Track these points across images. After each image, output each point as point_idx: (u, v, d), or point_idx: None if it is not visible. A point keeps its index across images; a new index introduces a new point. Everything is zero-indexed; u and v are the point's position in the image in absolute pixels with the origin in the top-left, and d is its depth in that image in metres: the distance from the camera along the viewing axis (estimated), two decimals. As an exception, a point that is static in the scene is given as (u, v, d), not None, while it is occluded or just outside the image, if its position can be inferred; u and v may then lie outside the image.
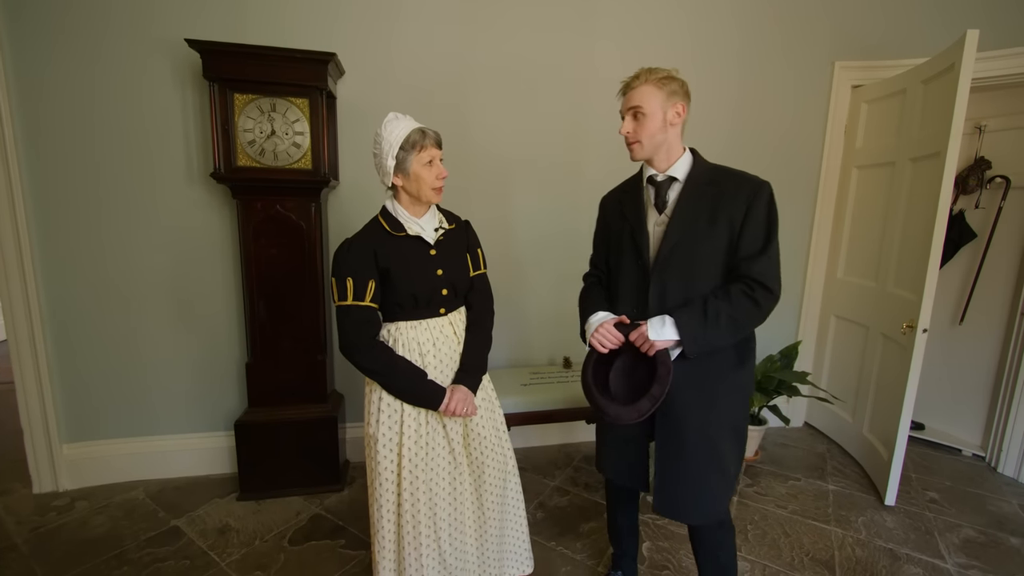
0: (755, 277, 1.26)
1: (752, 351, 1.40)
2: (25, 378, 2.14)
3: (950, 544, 2.01)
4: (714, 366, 1.33)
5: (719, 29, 2.55)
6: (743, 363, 1.37)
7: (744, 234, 1.28)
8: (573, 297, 2.69)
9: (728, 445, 1.36)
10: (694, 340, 1.26)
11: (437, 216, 1.49)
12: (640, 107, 1.30)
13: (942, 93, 2.08)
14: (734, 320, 1.26)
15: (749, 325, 1.30)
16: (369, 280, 1.37)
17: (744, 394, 1.40)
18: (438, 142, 1.39)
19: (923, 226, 2.15)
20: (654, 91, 1.29)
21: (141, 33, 2.05)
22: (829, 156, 2.77)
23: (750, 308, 1.26)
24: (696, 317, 1.26)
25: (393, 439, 1.40)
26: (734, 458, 1.39)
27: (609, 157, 2.56)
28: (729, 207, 1.28)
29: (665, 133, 1.32)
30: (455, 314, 1.51)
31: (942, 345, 2.82)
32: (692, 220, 1.30)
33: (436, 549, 1.41)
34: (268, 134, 2.02)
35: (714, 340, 1.27)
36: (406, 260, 1.40)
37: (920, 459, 2.68)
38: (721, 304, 1.26)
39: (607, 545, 1.96)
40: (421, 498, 1.38)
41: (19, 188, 2.02)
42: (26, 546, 1.89)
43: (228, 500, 2.19)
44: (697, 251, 1.30)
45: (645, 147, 1.34)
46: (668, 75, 1.30)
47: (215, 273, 2.28)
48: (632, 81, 1.33)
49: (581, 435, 2.82)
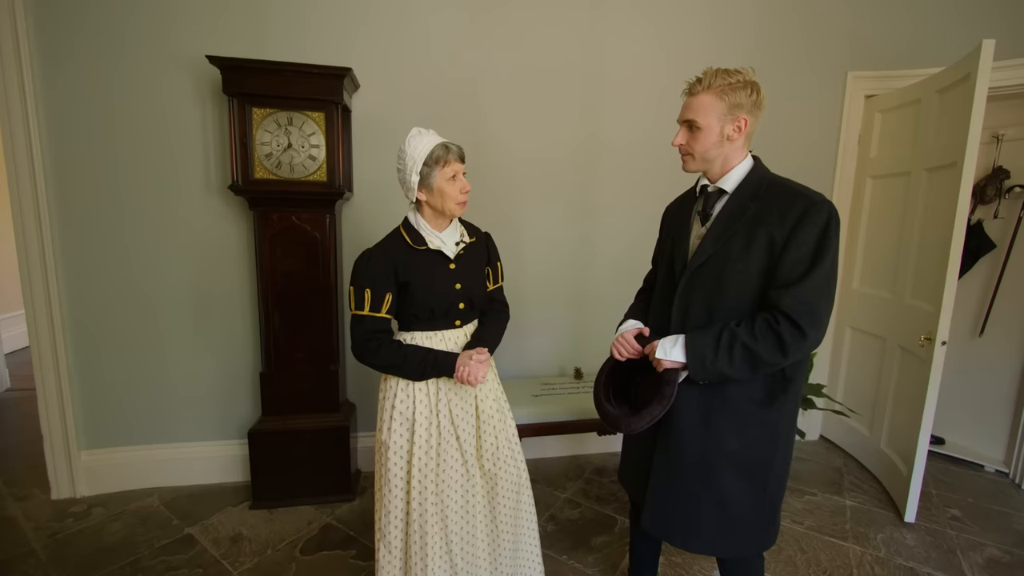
0: (783, 310, 1.11)
1: (790, 392, 1.23)
2: (46, 385, 2.19)
3: (973, 563, 1.96)
4: (731, 398, 1.22)
5: (732, 39, 2.56)
6: (771, 402, 1.22)
7: (784, 258, 1.13)
8: (585, 308, 2.72)
9: (733, 482, 1.24)
10: (702, 366, 1.16)
11: (459, 229, 1.50)
12: (695, 120, 1.18)
13: (958, 103, 2.06)
14: (749, 353, 1.12)
15: (769, 363, 1.13)
16: (387, 293, 1.39)
17: (771, 434, 1.23)
18: (461, 156, 1.40)
19: (940, 236, 2.12)
20: (714, 102, 1.16)
21: (162, 49, 2.11)
22: (843, 166, 2.75)
23: (771, 344, 1.11)
24: (708, 342, 1.15)
25: (404, 446, 1.41)
26: (747, 501, 1.25)
27: (625, 168, 2.58)
28: (772, 225, 1.14)
29: (721, 148, 1.19)
30: (470, 326, 1.53)
31: (962, 357, 2.76)
32: (727, 236, 1.19)
33: (448, 560, 1.40)
34: (285, 147, 2.06)
35: (724, 370, 1.15)
36: (425, 274, 1.41)
37: (940, 475, 2.61)
38: (739, 333, 1.13)
39: (619, 559, 1.94)
40: (430, 508, 1.38)
41: (44, 199, 2.08)
42: (44, 552, 1.92)
43: (241, 508, 2.21)
44: (726, 270, 1.18)
45: (697, 161, 1.23)
46: (735, 82, 1.14)
47: (232, 283, 2.31)
48: (694, 85, 1.19)
49: (592, 447, 2.79)
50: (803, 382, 1.29)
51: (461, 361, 1.38)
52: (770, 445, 1.24)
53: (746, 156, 1.24)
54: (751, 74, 1.17)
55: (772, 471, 1.25)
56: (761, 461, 1.24)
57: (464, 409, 1.46)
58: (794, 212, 1.13)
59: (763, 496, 1.26)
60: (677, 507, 1.29)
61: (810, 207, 1.12)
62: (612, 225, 2.62)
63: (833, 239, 1.11)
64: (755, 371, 1.15)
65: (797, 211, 1.12)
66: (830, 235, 1.11)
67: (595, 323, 2.66)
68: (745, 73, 1.16)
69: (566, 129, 2.51)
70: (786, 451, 1.28)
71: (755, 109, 1.18)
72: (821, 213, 1.11)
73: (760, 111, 1.19)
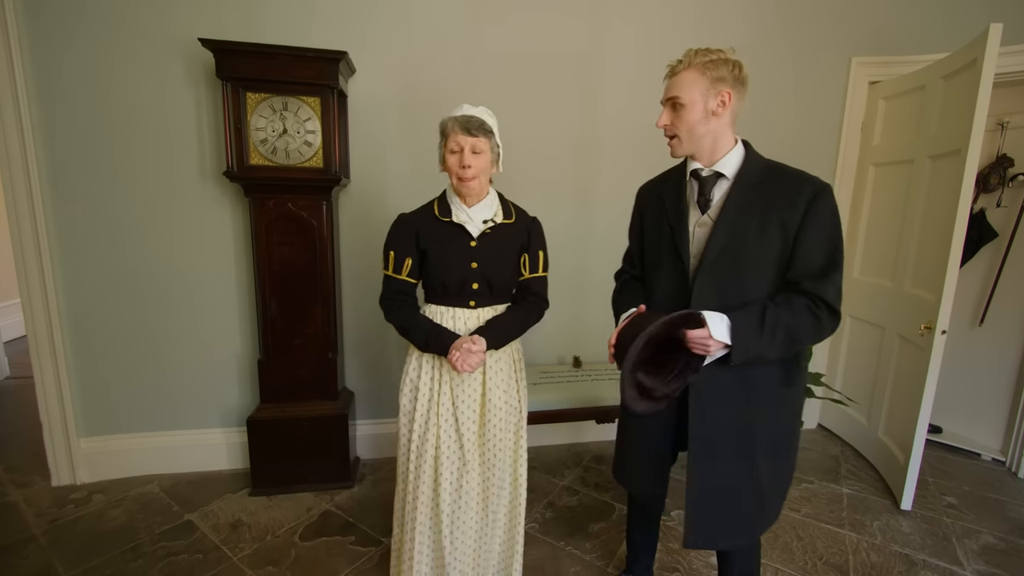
0: (823, 297, 1.15)
1: (803, 371, 1.30)
2: (44, 373, 2.19)
3: (969, 551, 1.97)
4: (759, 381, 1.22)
5: (732, 23, 2.52)
6: (791, 383, 1.26)
7: (802, 244, 1.15)
8: (584, 296, 2.71)
9: (767, 466, 1.25)
10: (745, 348, 1.14)
11: (494, 208, 1.46)
12: (678, 97, 1.17)
13: (963, 89, 2.03)
14: (791, 334, 1.14)
15: (804, 342, 1.18)
16: (407, 257, 1.44)
17: (793, 411, 1.30)
18: (466, 128, 1.34)
19: (942, 225, 2.10)
20: (696, 78, 1.15)
21: (155, 32, 2.07)
22: (845, 153, 2.72)
23: (812, 325, 1.15)
24: (752, 324, 1.13)
25: (409, 410, 1.49)
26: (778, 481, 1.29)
27: (623, 154, 2.55)
28: (783, 210, 1.15)
29: (707, 124, 1.18)
30: (487, 310, 1.48)
31: (961, 347, 2.76)
32: (741, 223, 1.18)
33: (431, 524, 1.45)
34: (280, 133, 2.03)
35: (765, 351, 1.14)
36: (442, 246, 1.43)
37: (937, 463, 2.63)
38: (782, 313, 1.14)
39: (617, 546, 1.95)
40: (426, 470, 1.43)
41: (37, 186, 2.06)
42: (45, 538, 1.93)
43: (240, 495, 2.22)
44: (745, 256, 1.18)
45: (684, 142, 1.21)
46: (716, 58, 1.14)
47: (228, 270, 2.30)
48: (675, 66, 1.19)
49: (590, 435, 2.80)
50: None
51: (455, 344, 1.37)
52: (793, 422, 1.30)
53: (737, 141, 1.24)
54: (732, 53, 1.17)
55: (792, 446, 1.32)
56: (787, 438, 1.29)
57: (468, 393, 1.46)
58: (803, 197, 1.15)
59: (789, 473, 1.32)
60: (724, 511, 1.26)
61: (819, 192, 1.15)
62: (610, 212, 2.60)
63: (839, 221, 1.19)
64: (789, 350, 1.18)
65: (806, 196, 1.15)
66: (837, 217, 1.18)
67: (594, 312, 2.65)
68: (726, 52, 1.16)
69: (564, 114, 2.47)
70: (799, 424, 1.35)
71: (738, 84, 1.17)
72: (827, 196, 1.16)
73: (744, 88, 1.19)
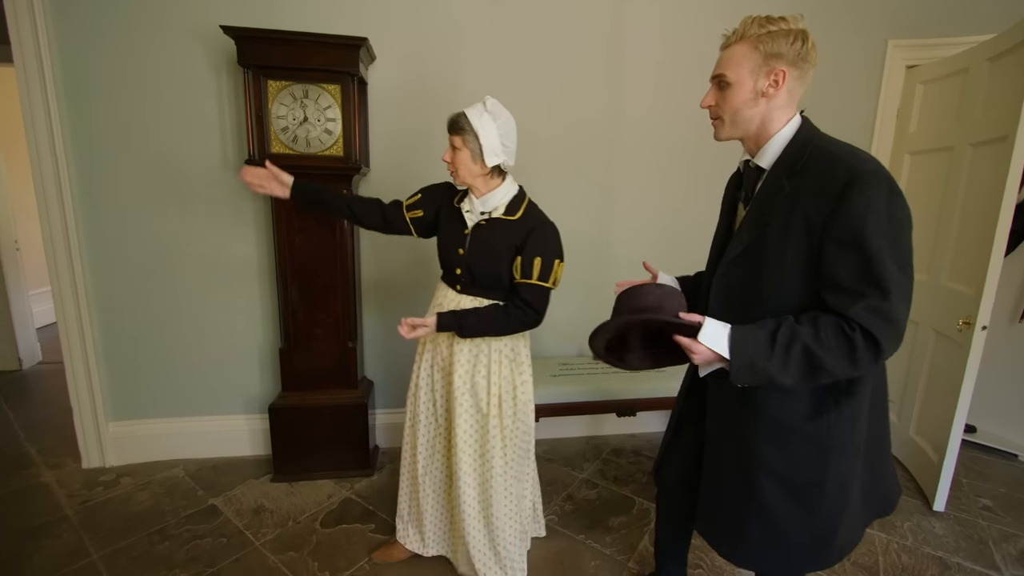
0: (854, 318, 0.89)
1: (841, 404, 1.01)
2: (74, 358, 2.24)
3: (1006, 555, 1.90)
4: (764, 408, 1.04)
5: (766, 5, 2.42)
6: (819, 415, 1.01)
7: (825, 249, 0.92)
8: (606, 286, 2.65)
9: (779, 500, 1.06)
10: (749, 366, 0.95)
11: (501, 204, 1.49)
12: (724, 75, 1.01)
13: (1012, 71, 1.92)
14: (810, 358, 0.91)
15: (831, 370, 0.92)
16: (418, 208, 1.61)
17: (818, 451, 1.03)
18: (448, 126, 1.45)
19: (984, 216, 2.00)
20: (747, 52, 0.97)
21: (177, 19, 2.07)
22: (880, 141, 2.61)
23: (842, 351, 0.90)
24: (761, 339, 0.94)
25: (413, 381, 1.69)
26: (796, 522, 1.06)
27: (649, 147, 2.48)
28: (808, 206, 0.93)
29: (755, 107, 1.00)
30: (469, 299, 1.53)
31: (999, 343, 2.64)
32: (762, 224, 1.00)
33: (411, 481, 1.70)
34: (301, 120, 2.02)
35: (776, 374, 0.94)
36: (445, 226, 1.57)
37: (972, 463, 2.53)
38: (801, 332, 0.92)
39: (637, 540, 1.92)
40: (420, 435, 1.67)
41: (66, 175, 2.09)
42: (76, 518, 1.98)
43: (263, 481, 2.25)
44: (762, 262, 1.00)
45: (727, 125, 1.05)
46: (775, 29, 0.95)
47: (250, 259, 2.31)
48: (728, 37, 1.02)
49: (610, 428, 2.77)
50: (872, 386, 1.05)
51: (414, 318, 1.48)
52: (819, 465, 1.03)
53: (791, 118, 1.02)
54: (798, 21, 0.97)
55: (826, 492, 1.04)
56: (811, 482, 1.04)
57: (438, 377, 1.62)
58: (834, 186, 0.89)
59: (816, 517, 1.06)
60: (723, 510, 1.16)
61: (855, 178, 0.87)
62: (634, 202, 2.54)
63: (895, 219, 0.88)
64: (810, 379, 0.95)
65: (838, 184, 0.88)
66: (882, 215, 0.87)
67: (615, 303, 2.60)
68: (791, 20, 0.96)
69: (589, 105, 2.41)
70: (842, 466, 1.04)
71: (800, 62, 0.97)
72: (868, 185, 0.87)
73: (808, 65, 0.99)
